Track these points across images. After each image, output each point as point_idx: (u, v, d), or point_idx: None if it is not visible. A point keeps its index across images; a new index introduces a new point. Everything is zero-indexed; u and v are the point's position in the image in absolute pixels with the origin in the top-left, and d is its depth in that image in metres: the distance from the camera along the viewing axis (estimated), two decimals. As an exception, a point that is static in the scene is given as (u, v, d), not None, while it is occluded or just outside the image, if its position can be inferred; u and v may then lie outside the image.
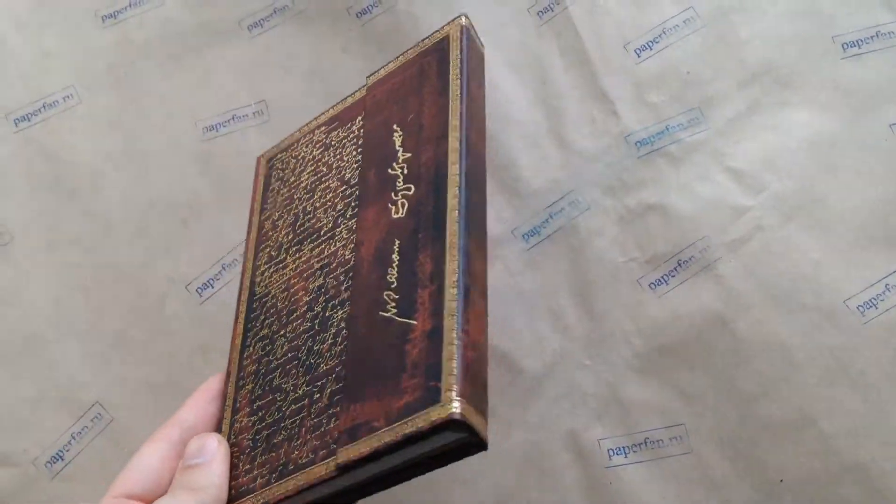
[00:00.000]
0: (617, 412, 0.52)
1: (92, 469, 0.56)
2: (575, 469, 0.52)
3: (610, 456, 0.52)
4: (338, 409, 0.36)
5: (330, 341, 0.39)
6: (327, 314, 0.40)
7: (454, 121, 0.41)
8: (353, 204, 0.43)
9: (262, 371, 0.42)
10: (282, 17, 0.66)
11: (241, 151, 0.62)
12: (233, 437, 0.41)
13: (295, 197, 0.48)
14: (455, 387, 0.31)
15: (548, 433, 0.52)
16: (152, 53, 0.66)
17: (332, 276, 0.42)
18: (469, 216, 0.37)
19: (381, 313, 0.37)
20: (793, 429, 0.50)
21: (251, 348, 0.44)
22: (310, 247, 0.44)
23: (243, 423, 0.41)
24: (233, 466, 0.40)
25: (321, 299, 0.41)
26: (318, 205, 0.46)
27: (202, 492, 0.37)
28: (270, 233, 0.48)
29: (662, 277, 0.55)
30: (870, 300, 0.51)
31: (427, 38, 0.47)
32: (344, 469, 0.34)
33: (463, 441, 0.33)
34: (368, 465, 0.33)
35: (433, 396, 0.32)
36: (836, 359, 0.51)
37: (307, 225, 0.46)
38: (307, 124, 0.52)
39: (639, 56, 0.60)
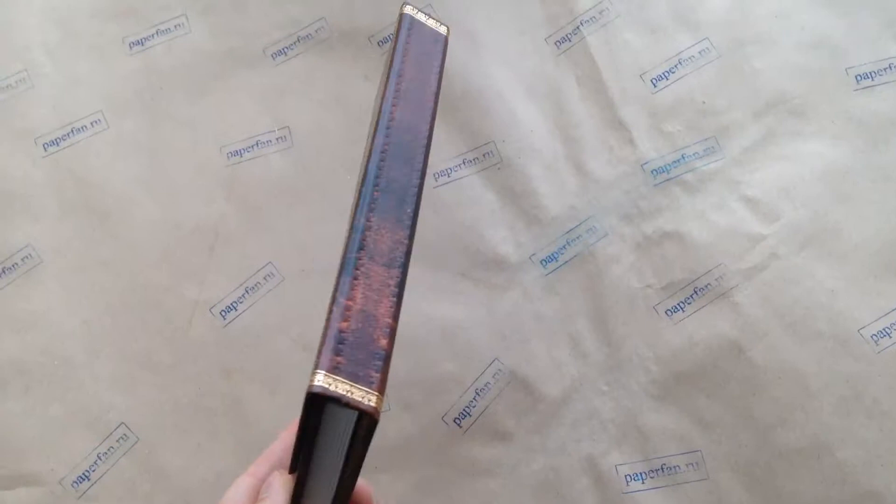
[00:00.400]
0: (635, 438, 0.53)
1: (117, 489, 0.57)
2: (593, 494, 0.53)
3: (627, 481, 0.53)
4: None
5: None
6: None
7: (380, 102, 0.42)
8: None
9: None
10: (305, 45, 0.67)
11: (264, 176, 0.64)
12: None
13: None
14: (321, 360, 0.31)
15: (566, 458, 0.53)
16: (178, 80, 0.67)
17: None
18: (374, 189, 0.37)
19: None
20: (808, 456, 0.51)
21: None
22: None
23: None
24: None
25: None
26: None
27: None
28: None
29: (679, 304, 0.55)
30: (884, 329, 0.52)
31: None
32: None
33: (354, 416, 0.32)
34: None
35: (311, 374, 0.31)
36: (850, 387, 0.52)
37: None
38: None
39: (655, 86, 0.61)
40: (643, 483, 0.52)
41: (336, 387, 0.31)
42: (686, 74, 0.61)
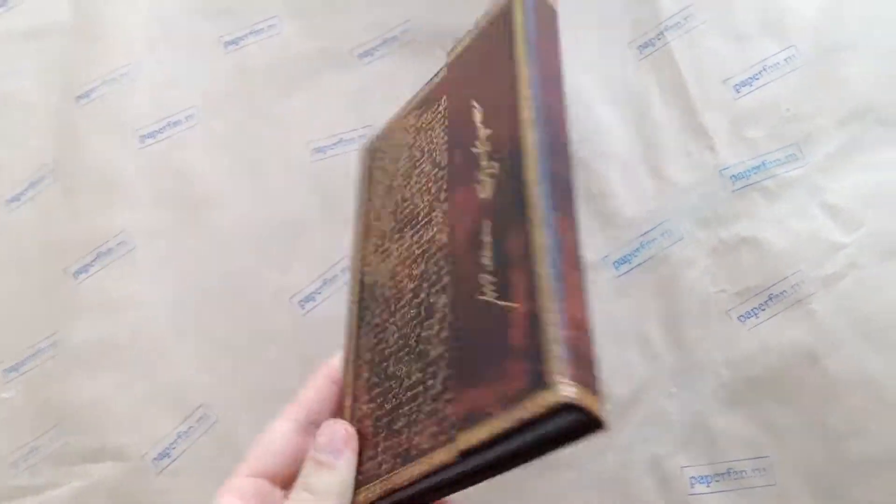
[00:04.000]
0: (702, 441, 0.53)
1: (196, 467, 0.59)
2: (657, 495, 0.53)
3: (692, 484, 0.52)
4: (452, 394, 0.35)
5: (437, 327, 0.38)
6: (431, 300, 0.39)
7: (524, 89, 0.37)
8: (444, 186, 0.41)
9: (377, 360, 0.42)
10: (390, 46, 0.69)
11: (346, 173, 0.66)
12: (355, 424, 0.41)
13: (394, 185, 0.46)
14: (560, 369, 0.30)
15: (632, 458, 0.53)
16: (269, 78, 0.70)
17: (432, 261, 0.40)
18: (551, 187, 0.34)
19: (479, 297, 0.35)
20: (882, 468, 0.50)
21: (365, 338, 0.44)
22: (410, 233, 0.43)
23: (363, 411, 0.40)
24: (358, 454, 0.40)
25: (424, 285, 0.40)
26: (414, 190, 0.44)
27: (325, 497, 0.37)
28: (374, 223, 0.47)
29: (753, 310, 0.55)
30: (968, 343, 0.51)
31: (495, 2, 0.42)
32: (465, 455, 0.33)
33: (580, 422, 0.31)
34: (488, 450, 0.32)
35: (540, 381, 0.30)
36: (930, 400, 0.50)
37: (406, 211, 0.44)
38: (402, 109, 0.49)
39: (738, 92, 0.61)
40: (708, 486, 0.52)
41: (581, 397, 0.29)
42: (771, 81, 0.60)
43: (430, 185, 0.42)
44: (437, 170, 0.42)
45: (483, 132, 0.39)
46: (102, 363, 0.63)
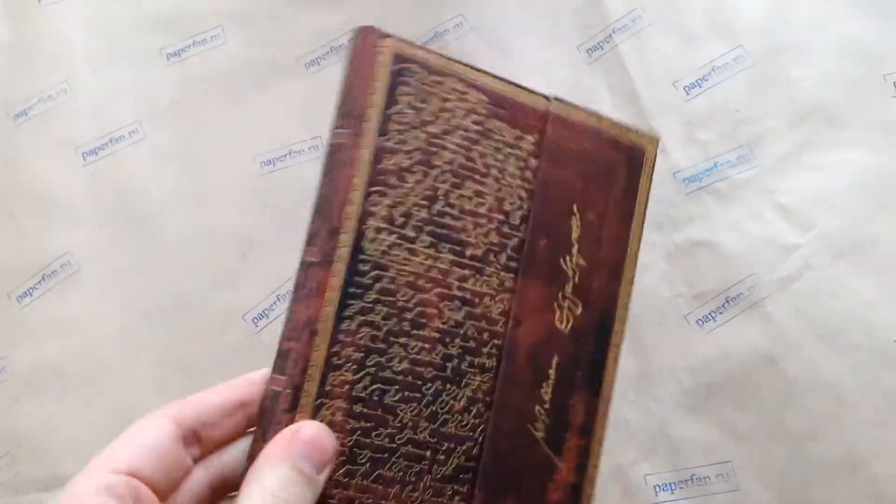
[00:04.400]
0: (664, 448, 0.53)
1: (152, 492, 0.58)
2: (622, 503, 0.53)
3: (656, 492, 0.52)
4: (464, 490, 0.35)
5: (463, 404, 0.36)
6: (463, 367, 0.36)
7: (630, 271, 0.40)
8: (509, 253, 0.38)
9: (371, 371, 0.35)
10: (338, 55, 0.68)
11: (296, 185, 0.65)
12: (319, 420, 0.34)
13: (436, 162, 0.37)
14: None
15: (595, 468, 0.53)
16: (214, 89, 0.68)
17: (475, 324, 0.37)
18: (615, 383, 0.38)
19: (529, 426, 0.36)
20: (843, 470, 0.50)
21: (352, 323, 0.34)
22: (450, 257, 0.37)
23: (337, 418, 0.34)
24: None
25: (457, 342, 0.36)
26: (465, 208, 0.37)
27: None
28: (395, 181, 0.36)
29: (710, 314, 0.55)
30: (922, 341, 0.51)
31: (624, 126, 0.41)
32: None
33: None
34: None
35: None
36: (887, 399, 0.51)
37: (449, 221, 0.37)
38: (461, 65, 0.39)
39: (688, 94, 0.61)
40: (672, 493, 0.52)
41: None
42: (720, 82, 0.60)
43: (489, 226, 0.38)
44: (502, 217, 0.38)
45: (576, 254, 0.38)
46: (50, 389, 0.61)
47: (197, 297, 0.62)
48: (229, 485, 0.34)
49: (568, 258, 0.38)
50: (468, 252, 0.37)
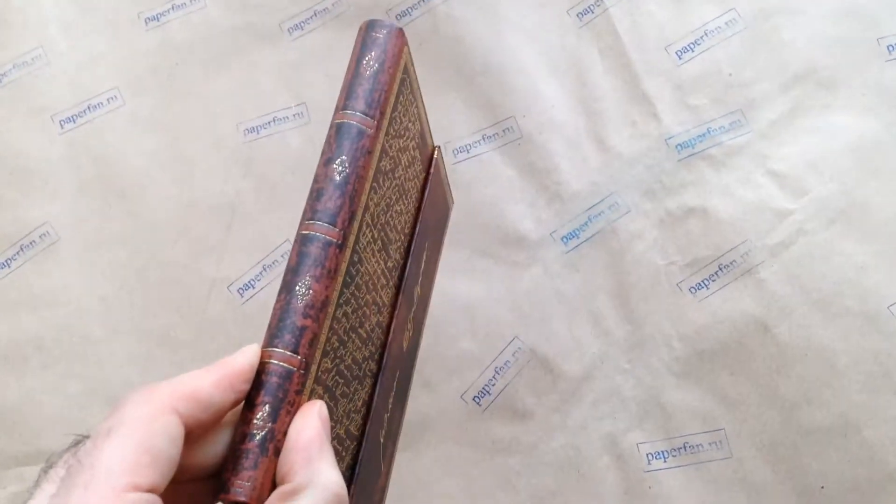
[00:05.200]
0: (657, 416, 0.53)
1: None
2: (614, 472, 0.52)
3: (649, 460, 0.52)
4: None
5: (359, 404, 0.35)
6: (366, 370, 0.36)
7: (428, 304, 0.44)
8: (398, 272, 0.39)
9: (337, 363, 0.33)
10: (322, 19, 0.66)
11: (281, 153, 0.63)
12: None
13: (396, 174, 0.37)
14: None
15: (587, 437, 0.53)
16: (194, 55, 0.67)
17: (378, 331, 0.37)
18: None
19: (381, 434, 0.37)
20: (836, 435, 0.50)
21: (340, 310, 0.32)
22: (382, 264, 0.37)
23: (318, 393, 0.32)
24: None
25: (369, 347, 0.36)
26: (395, 222, 0.38)
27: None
28: (382, 179, 0.36)
29: (703, 281, 0.54)
30: (915, 306, 0.51)
31: (448, 184, 0.45)
32: None
33: None
34: None
35: None
36: (879, 364, 0.50)
37: (388, 232, 0.37)
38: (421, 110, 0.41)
39: (680, 58, 0.60)
40: (665, 461, 0.52)
41: None
42: (712, 46, 0.59)
43: (399, 244, 0.39)
44: (402, 240, 0.39)
45: (420, 286, 0.41)
46: (31, 363, 0.60)
47: (180, 268, 0.61)
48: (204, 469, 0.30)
49: (417, 288, 0.41)
50: (388, 263, 0.37)
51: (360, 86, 0.34)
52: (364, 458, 0.34)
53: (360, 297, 0.34)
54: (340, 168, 0.33)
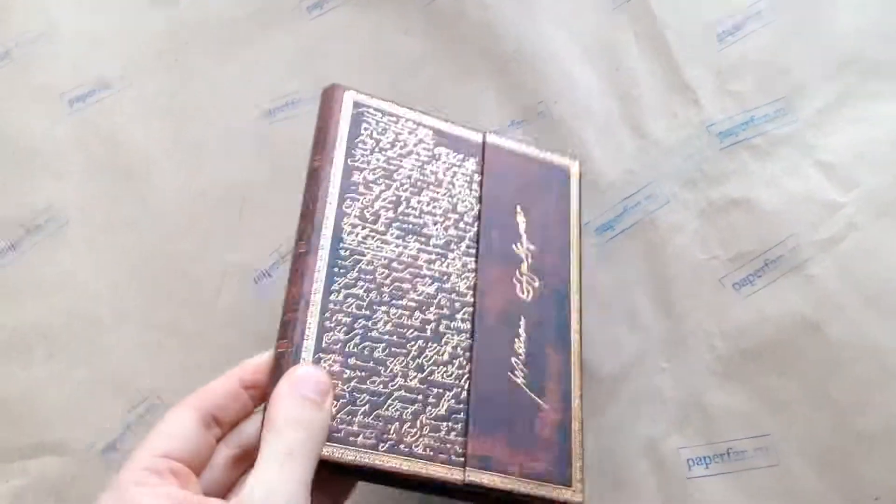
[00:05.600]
0: (698, 420, 0.50)
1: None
2: (654, 479, 0.49)
3: (690, 466, 0.49)
4: (459, 427, 0.43)
5: (446, 357, 0.45)
6: (441, 329, 0.45)
7: (575, 256, 0.49)
8: (468, 243, 0.48)
9: (360, 332, 0.44)
10: (344, -3, 0.63)
11: (298, 138, 0.60)
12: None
13: (395, 177, 0.48)
14: (580, 480, 0.44)
15: (625, 440, 0.50)
16: (206, 35, 0.64)
17: (446, 296, 0.46)
18: (582, 338, 0.47)
19: (510, 374, 0.45)
20: (890, 441, 0.47)
21: (339, 295, 0.44)
22: (416, 245, 0.47)
23: (335, 369, 0.42)
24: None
25: (433, 310, 0.46)
26: (425, 209, 0.48)
27: (317, 433, 0.37)
28: (363, 190, 0.47)
29: (748, 277, 0.51)
30: (974, 306, 0.48)
31: (547, 153, 0.52)
32: (469, 487, 0.41)
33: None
34: (491, 492, 0.41)
35: (565, 480, 0.43)
36: (936, 367, 0.47)
37: (412, 219, 0.48)
38: (410, 110, 0.50)
39: (721, 42, 0.57)
40: (707, 468, 0.49)
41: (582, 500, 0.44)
42: (756, 30, 0.56)
43: (447, 223, 0.48)
44: (458, 217, 0.49)
45: (526, 242, 0.49)
46: (36, 351, 0.57)
47: (191, 255, 0.58)
48: (249, 455, 0.40)
49: (519, 244, 0.48)
50: (432, 242, 0.47)
51: (312, 143, 0.49)
52: (475, 397, 0.44)
53: (379, 278, 0.45)
54: (302, 200, 0.47)
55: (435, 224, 0.48)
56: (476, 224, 0.49)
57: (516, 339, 0.46)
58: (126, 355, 0.56)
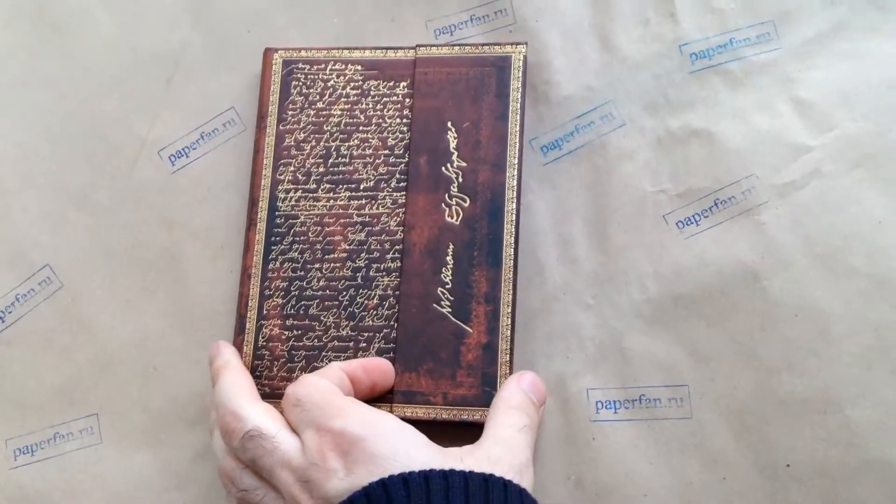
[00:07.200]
0: (615, 362, 0.46)
1: (33, 336, 0.51)
2: (555, 418, 0.46)
3: (598, 409, 0.46)
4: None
5: (376, 301, 0.47)
6: (371, 274, 0.47)
7: (513, 158, 0.47)
8: (398, 177, 0.48)
9: (295, 293, 0.48)
10: None
11: (241, 9, 0.55)
12: (262, 340, 0.48)
13: (325, 129, 0.50)
14: None
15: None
16: None
17: (375, 238, 0.48)
18: (517, 252, 0.46)
19: (435, 305, 0.46)
20: (813, 410, 0.43)
21: (276, 262, 0.48)
22: (346, 194, 0.49)
23: (274, 332, 0.47)
24: (266, 368, 0.47)
25: (363, 255, 0.48)
26: (355, 154, 0.49)
27: (534, 421, 0.43)
28: (295, 152, 0.50)
29: (693, 216, 0.47)
30: (933, 277, 0.44)
31: (485, 45, 0.50)
32: None
33: None
34: (417, 424, 0.40)
35: (488, 399, 0.44)
36: (879, 338, 0.44)
37: (342, 168, 0.49)
38: (337, 51, 0.52)
39: (714, -48, 0.51)
40: (615, 412, 0.45)
41: None
42: (754, -58, 0.50)
43: (377, 161, 0.49)
44: (388, 152, 0.49)
45: (456, 160, 0.48)
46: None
47: (109, 121, 0.54)
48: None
49: (449, 165, 0.47)
50: (362, 186, 0.49)
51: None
52: (401, 333, 0.46)
53: (312, 237, 0.49)
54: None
55: (365, 167, 0.49)
56: (406, 155, 0.49)
57: (444, 268, 0.46)
58: (27, 223, 0.53)
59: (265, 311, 0.48)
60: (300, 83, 0.51)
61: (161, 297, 0.51)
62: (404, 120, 0.49)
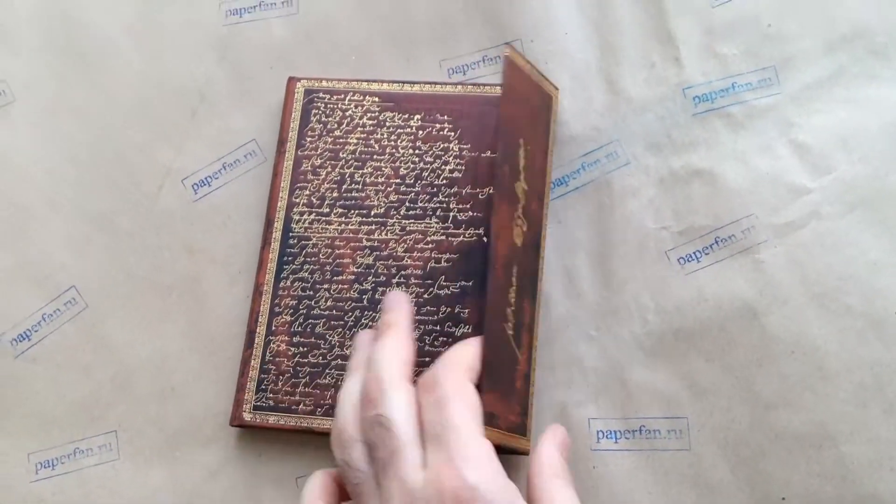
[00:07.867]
0: (616, 393, 0.48)
1: (58, 354, 0.53)
2: (558, 446, 0.47)
3: (598, 438, 0.47)
4: None
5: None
6: (377, 297, 0.49)
7: (546, 196, 0.50)
8: (408, 205, 0.51)
9: (303, 312, 0.50)
10: None
11: (262, 43, 0.57)
12: (269, 355, 0.50)
13: (341, 156, 0.52)
14: (530, 429, 0.46)
15: (537, 402, 0.48)
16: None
17: (382, 262, 0.50)
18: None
19: (504, 325, 0.43)
20: (809, 445, 0.45)
21: (287, 281, 0.51)
22: (357, 219, 0.51)
23: (281, 348, 0.49)
24: (272, 382, 0.49)
25: (370, 279, 0.50)
26: (368, 181, 0.52)
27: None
28: (311, 177, 0.52)
29: (695, 253, 0.49)
30: (926, 317, 0.45)
31: (539, 73, 0.50)
32: None
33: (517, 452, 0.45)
34: None
35: (524, 431, 0.45)
36: (874, 376, 0.45)
37: (355, 194, 0.52)
38: (357, 82, 0.54)
39: (717, -1, 0.53)
40: (616, 442, 0.47)
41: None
42: (756, -9, 0.52)
43: (388, 189, 0.51)
44: (399, 181, 0.51)
45: (523, 180, 0.46)
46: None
47: (134, 149, 0.56)
48: None
49: (518, 183, 0.46)
50: (373, 212, 0.51)
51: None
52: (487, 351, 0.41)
53: (322, 258, 0.51)
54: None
55: (377, 194, 0.51)
56: (416, 185, 0.51)
57: (511, 288, 0.45)
58: (54, 246, 0.55)
59: (274, 328, 0.50)
60: (320, 111, 0.54)
61: (180, 320, 0.53)
62: (416, 151, 0.52)
